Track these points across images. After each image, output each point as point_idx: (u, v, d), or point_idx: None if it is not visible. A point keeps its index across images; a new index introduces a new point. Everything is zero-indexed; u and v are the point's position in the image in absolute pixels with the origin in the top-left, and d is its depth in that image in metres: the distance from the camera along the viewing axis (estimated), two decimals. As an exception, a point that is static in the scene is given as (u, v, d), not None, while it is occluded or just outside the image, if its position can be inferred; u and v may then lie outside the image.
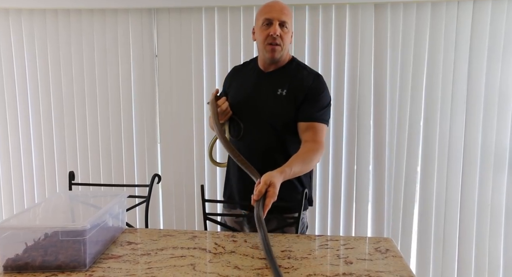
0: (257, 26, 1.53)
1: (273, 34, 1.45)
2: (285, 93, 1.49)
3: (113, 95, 2.36)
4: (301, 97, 1.48)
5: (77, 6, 2.27)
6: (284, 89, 1.50)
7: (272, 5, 1.51)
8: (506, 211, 2.19)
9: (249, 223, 1.59)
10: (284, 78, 1.53)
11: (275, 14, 1.46)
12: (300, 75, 1.53)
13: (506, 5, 2.07)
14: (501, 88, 2.13)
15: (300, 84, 1.51)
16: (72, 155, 2.43)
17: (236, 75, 1.69)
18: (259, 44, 1.53)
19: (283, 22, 1.47)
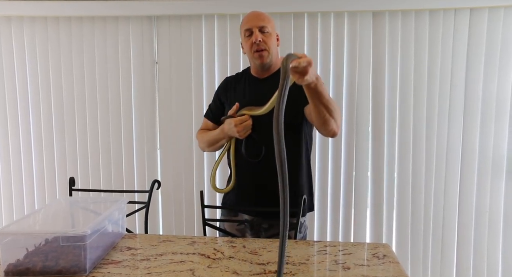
0: (242, 39, 1.60)
1: (255, 41, 1.50)
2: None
3: (114, 101, 2.38)
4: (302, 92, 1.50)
5: (79, 13, 2.30)
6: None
7: (249, 15, 1.59)
8: (504, 217, 2.20)
9: (251, 230, 1.60)
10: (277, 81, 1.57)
11: (253, 23, 1.53)
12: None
13: (502, 13, 2.10)
14: (498, 95, 2.15)
15: (298, 90, 1.52)
16: (73, 161, 2.44)
17: (231, 86, 1.68)
18: (248, 55, 1.59)
19: (262, 27, 1.52)
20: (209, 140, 1.62)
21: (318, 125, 1.41)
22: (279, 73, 1.55)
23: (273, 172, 1.47)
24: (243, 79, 1.67)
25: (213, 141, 1.60)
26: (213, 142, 1.60)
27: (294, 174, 1.55)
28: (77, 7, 2.27)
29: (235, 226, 1.62)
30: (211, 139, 1.61)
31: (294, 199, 1.46)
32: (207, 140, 1.64)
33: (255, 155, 1.50)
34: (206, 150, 1.70)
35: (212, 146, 1.64)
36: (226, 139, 1.55)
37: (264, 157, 1.49)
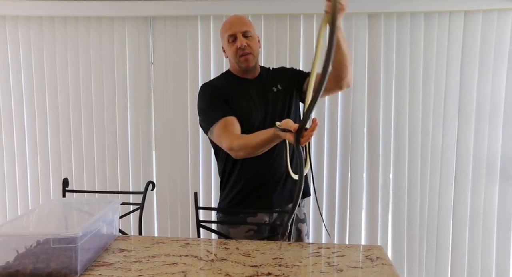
0: (224, 44, 1.60)
1: (240, 47, 1.52)
2: (280, 87, 1.62)
3: (109, 102, 2.37)
4: (295, 81, 1.64)
5: (74, 13, 2.29)
6: (277, 85, 1.63)
7: (230, 21, 1.58)
8: (498, 219, 2.21)
9: (270, 231, 1.56)
10: (270, 78, 1.64)
11: (236, 28, 1.54)
12: (277, 73, 1.70)
13: (496, 16, 2.11)
14: (492, 97, 2.16)
15: (286, 75, 1.68)
16: (67, 162, 2.43)
17: (226, 87, 1.60)
18: (231, 59, 1.59)
19: (245, 32, 1.54)
20: (255, 146, 1.37)
21: (339, 72, 1.47)
22: (262, 72, 1.61)
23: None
24: (233, 81, 1.62)
25: (260, 146, 1.37)
26: (260, 147, 1.38)
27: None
28: (73, 7, 2.27)
29: (244, 233, 1.56)
30: (257, 145, 1.37)
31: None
32: (252, 146, 1.38)
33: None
34: (247, 156, 1.44)
35: (256, 151, 1.40)
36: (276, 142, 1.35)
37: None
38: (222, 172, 1.65)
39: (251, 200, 1.57)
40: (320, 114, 2.24)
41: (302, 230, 1.67)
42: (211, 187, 2.36)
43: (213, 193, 2.36)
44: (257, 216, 1.57)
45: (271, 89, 1.61)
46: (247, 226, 1.56)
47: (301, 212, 1.68)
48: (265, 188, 1.57)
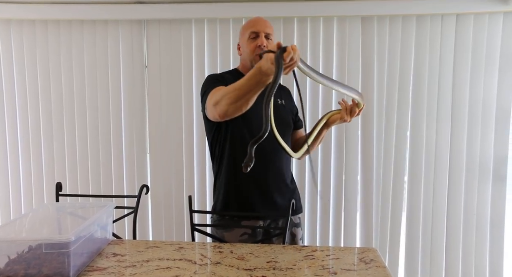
0: (243, 40, 1.61)
1: (261, 45, 1.54)
2: (284, 102, 1.66)
3: (103, 105, 2.37)
4: (294, 110, 1.74)
5: (68, 17, 2.28)
6: (281, 99, 1.67)
7: (256, 19, 1.62)
8: (490, 220, 2.22)
9: (264, 235, 1.57)
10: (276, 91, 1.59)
11: (261, 27, 1.57)
12: (283, 89, 1.74)
13: (487, 19, 2.13)
14: (484, 99, 2.18)
15: (290, 97, 1.76)
16: (61, 166, 2.41)
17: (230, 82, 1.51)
18: (246, 56, 1.59)
19: (268, 34, 1.58)
20: (237, 89, 1.28)
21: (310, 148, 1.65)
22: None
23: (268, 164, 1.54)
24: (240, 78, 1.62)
25: (243, 87, 1.27)
26: (243, 90, 1.27)
27: (288, 167, 1.67)
28: (66, 10, 2.26)
29: (238, 236, 1.56)
30: (241, 85, 1.27)
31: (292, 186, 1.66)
32: (233, 90, 1.29)
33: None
34: (232, 107, 1.32)
35: (241, 97, 1.28)
36: (260, 86, 1.24)
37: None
38: (216, 173, 1.65)
39: (243, 203, 1.57)
40: (314, 117, 2.25)
41: (297, 234, 1.66)
42: (205, 190, 2.35)
43: (207, 196, 2.35)
44: (251, 220, 1.57)
45: (276, 99, 1.63)
46: (241, 229, 1.56)
47: (296, 216, 1.68)
48: (258, 191, 1.56)
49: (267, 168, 1.56)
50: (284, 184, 1.62)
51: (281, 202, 1.58)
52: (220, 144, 1.59)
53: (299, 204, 1.70)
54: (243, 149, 1.53)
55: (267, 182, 1.57)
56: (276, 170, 1.58)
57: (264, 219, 1.59)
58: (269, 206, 1.57)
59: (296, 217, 1.68)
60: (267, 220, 1.60)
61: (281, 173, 1.61)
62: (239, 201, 1.57)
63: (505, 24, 2.14)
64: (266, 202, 1.57)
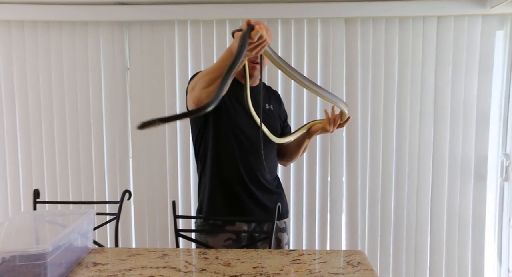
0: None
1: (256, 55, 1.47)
2: (272, 108, 1.65)
3: (83, 109, 2.30)
4: (283, 114, 1.74)
5: (45, 18, 2.22)
6: (270, 104, 1.65)
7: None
8: (472, 219, 2.25)
9: (249, 240, 1.54)
10: (264, 93, 1.62)
11: None
12: (273, 94, 1.73)
13: (466, 21, 2.17)
14: (465, 100, 2.22)
15: (279, 102, 1.75)
16: (39, 172, 2.33)
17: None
18: None
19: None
20: (210, 72, 1.28)
21: (291, 156, 1.73)
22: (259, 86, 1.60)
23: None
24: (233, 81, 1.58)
25: (215, 70, 1.26)
26: (215, 73, 1.25)
27: (274, 169, 1.67)
28: (43, 11, 2.19)
29: (222, 242, 1.52)
30: (213, 68, 1.27)
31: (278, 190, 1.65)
32: (206, 74, 1.30)
33: None
34: (204, 91, 1.30)
35: (213, 81, 1.26)
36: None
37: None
38: (200, 172, 1.61)
39: (229, 201, 1.54)
40: (299, 119, 2.24)
41: (282, 240, 1.64)
42: (190, 195, 2.31)
43: (192, 201, 2.31)
44: (235, 225, 1.54)
45: (264, 104, 1.61)
46: (225, 234, 1.53)
47: (282, 221, 1.66)
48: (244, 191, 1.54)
49: (253, 168, 1.54)
50: (270, 185, 1.60)
51: (268, 203, 1.56)
52: (205, 143, 1.56)
53: (285, 209, 1.68)
54: (228, 147, 1.52)
55: (253, 182, 1.55)
56: (263, 170, 1.57)
57: (249, 223, 1.57)
58: (256, 206, 1.55)
59: (282, 222, 1.66)
60: (252, 224, 1.57)
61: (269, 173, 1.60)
62: (226, 199, 1.54)
63: (483, 26, 2.18)
64: (252, 202, 1.55)
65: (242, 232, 1.54)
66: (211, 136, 1.53)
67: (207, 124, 1.54)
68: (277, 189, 1.66)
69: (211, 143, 1.54)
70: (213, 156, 1.54)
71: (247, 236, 1.57)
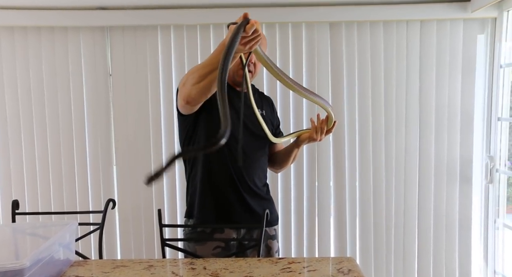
0: None
1: (249, 61, 1.48)
2: (264, 113, 1.62)
3: (64, 116, 2.24)
4: (275, 120, 1.74)
5: (22, 23, 2.15)
6: (262, 109, 1.62)
7: None
8: (459, 221, 2.27)
9: (239, 248, 1.51)
10: (256, 98, 1.59)
11: None
12: (265, 99, 1.72)
13: (448, 25, 2.20)
14: (449, 103, 2.24)
15: (272, 108, 1.73)
16: (19, 181, 2.26)
17: None
18: (232, 66, 1.50)
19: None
20: (201, 68, 1.24)
21: (281, 165, 1.74)
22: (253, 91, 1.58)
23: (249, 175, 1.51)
24: None
25: (206, 65, 1.21)
26: (206, 68, 1.21)
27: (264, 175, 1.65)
28: (21, 16, 2.13)
29: (211, 250, 1.49)
30: (205, 64, 1.23)
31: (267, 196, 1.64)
32: (197, 69, 1.26)
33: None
34: (195, 87, 1.26)
35: (204, 76, 1.22)
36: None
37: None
38: (188, 175, 1.58)
39: (219, 204, 1.51)
40: (286, 123, 2.23)
41: (272, 247, 1.62)
42: (176, 203, 2.27)
43: (178, 208, 2.27)
44: (224, 232, 1.51)
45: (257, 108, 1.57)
46: (214, 242, 1.50)
47: (271, 228, 1.64)
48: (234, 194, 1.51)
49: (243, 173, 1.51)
50: (260, 191, 1.58)
51: (257, 209, 1.54)
52: (194, 143, 1.51)
53: (274, 215, 1.66)
54: (219, 151, 1.47)
55: (243, 186, 1.52)
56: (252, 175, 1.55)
57: (238, 230, 1.54)
58: (245, 212, 1.53)
59: (272, 229, 1.64)
60: (241, 232, 1.55)
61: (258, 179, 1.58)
62: (216, 203, 1.51)
63: (465, 30, 2.21)
64: (242, 208, 1.52)
65: (231, 240, 1.51)
66: (202, 139, 1.49)
67: (196, 126, 1.50)
68: (267, 195, 1.65)
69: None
70: (204, 160, 1.51)
71: (236, 244, 1.54)
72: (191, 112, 1.45)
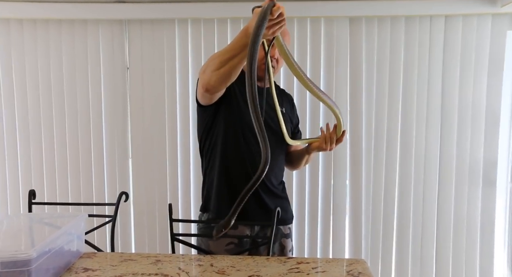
0: None
1: (272, 56, 1.45)
2: (284, 111, 1.57)
3: (82, 109, 2.27)
4: (295, 119, 1.67)
5: (45, 16, 2.19)
6: (282, 107, 1.56)
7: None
8: (481, 226, 2.18)
9: (252, 244, 1.49)
10: (277, 95, 1.54)
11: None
12: (286, 96, 1.66)
13: (475, 20, 2.10)
14: (474, 102, 2.15)
15: (292, 106, 1.67)
16: (38, 173, 2.30)
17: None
18: None
19: None
20: (222, 54, 1.21)
21: (293, 166, 1.71)
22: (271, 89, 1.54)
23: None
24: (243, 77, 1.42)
25: (228, 51, 1.18)
26: (227, 54, 1.18)
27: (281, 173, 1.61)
28: (43, 9, 2.16)
29: (224, 246, 1.47)
30: (226, 49, 1.20)
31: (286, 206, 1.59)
32: (218, 55, 1.22)
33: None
34: (215, 73, 1.21)
35: (225, 62, 1.18)
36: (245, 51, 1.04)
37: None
38: (205, 168, 1.56)
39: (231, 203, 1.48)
40: (302, 120, 2.18)
41: (286, 246, 1.58)
42: (190, 197, 2.27)
43: (192, 203, 2.27)
44: (238, 229, 1.49)
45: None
46: (227, 238, 1.48)
47: (286, 227, 1.60)
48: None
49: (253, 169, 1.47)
50: (276, 189, 1.55)
51: (272, 207, 1.50)
52: (211, 139, 1.49)
53: (289, 214, 1.63)
54: (237, 147, 1.45)
55: (260, 184, 1.48)
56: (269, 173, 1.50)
57: (252, 227, 1.52)
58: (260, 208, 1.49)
59: (286, 227, 1.60)
60: (255, 229, 1.52)
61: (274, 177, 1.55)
62: (231, 198, 1.48)
63: (493, 25, 2.11)
64: (257, 204, 1.49)
65: (244, 236, 1.49)
66: (220, 132, 1.47)
67: (215, 119, 1.47)
68: (282, 194, 1.61)
69: (220, 140, 1.47)
70: (221, 155, 1.48)
71: (249, 241, 1.52)
72: (210, 102, 1.41)
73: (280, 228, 1.56)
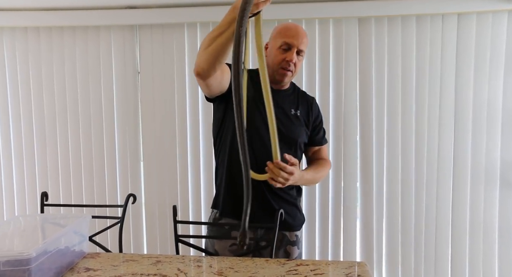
0: (273, 45, 1.49)
1: (289, 61, 1.45)
2: (299, 113, 1.55)
3: (95, 112, 2.32)
4: (312, 122, 1.60)
5: (60, 23, 2.26)
6: (296, 109, 1.55)
7: (295, 30, 1.49)
8: (499, 229, 2.10)
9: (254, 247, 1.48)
10: (292, 98, 1.57)
11: (296, 41, 1.46)
12: (304, 99, 1.61)
13: (490, 18, 2.04)
14: (489, 101, 2.08)
15: (309, 108, 1.60)
16: (54, 175, 2.37)
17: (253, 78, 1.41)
18: (271, 64, 1.48)
19: (301, 51, 1.48)
20: (211, 33, 1.20)
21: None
22: (288, 89, 1.55)
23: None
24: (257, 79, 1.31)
25: (216, 28, 1.17)
26: (216, 31, 1.17)
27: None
28: (58, 16, 2.24)
29: (227, 246, 1.47)
30: (216, 27, 1.19)
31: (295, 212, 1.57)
32: (209, 34, 1.21)
33: None
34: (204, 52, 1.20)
35: (214, 39, 1.17)
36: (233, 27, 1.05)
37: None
38: (216, 165, 1.58)
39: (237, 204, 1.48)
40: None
41: (291, 253, 1.53)
42: (200, 199, 2.28)
43: (202, 204, 2.28)
44: None
45: (290, 108, 1.54)
46: (231, 240, 1.48)
47: (292, 234, 1.55)
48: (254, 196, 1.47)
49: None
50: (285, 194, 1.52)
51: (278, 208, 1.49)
52: (221, 138, 1.51)
53: (298, 220, 1.58)
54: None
55: (267, 188, 1.47)
56: None
57: (256, 230, 1.51)
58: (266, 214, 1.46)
59: (293, 234, 1.55)
60: (258, 232, 1.51)
61: None
62: (237, 202, 1.47)
63: (509, 23, 2.04)
64: (263, 209, 1.47)
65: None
66: (229, 130, 1.47)
67: (224, 118, 1.49)
68: (292, 199, 1.56)
69: (229, 138, 1.48)
70: (230, 152, 1.48)
71: (253, 244, 1.51)
72: (211, 93, 1.39)
73: (285, 234, 1.53)
